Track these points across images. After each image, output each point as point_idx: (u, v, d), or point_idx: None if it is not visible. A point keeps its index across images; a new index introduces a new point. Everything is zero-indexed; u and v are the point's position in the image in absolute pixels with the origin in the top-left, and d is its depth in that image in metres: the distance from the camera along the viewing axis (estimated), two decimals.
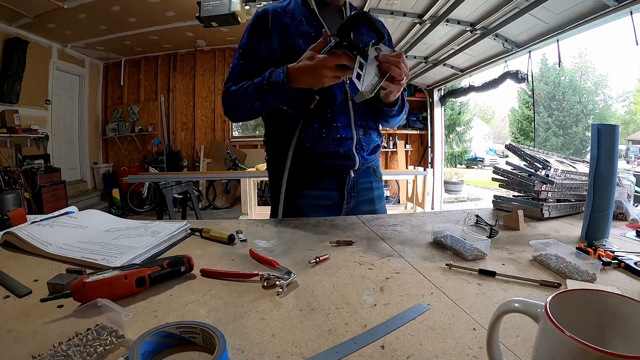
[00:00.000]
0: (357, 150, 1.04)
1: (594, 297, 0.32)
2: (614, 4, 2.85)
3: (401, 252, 0.72)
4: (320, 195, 1.07)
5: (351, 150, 1.03)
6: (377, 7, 3.62)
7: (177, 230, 0.81)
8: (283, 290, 0.54)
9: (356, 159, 1.04)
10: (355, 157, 1.04)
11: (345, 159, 1.04)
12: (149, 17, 5.33)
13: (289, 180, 1.04)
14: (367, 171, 1.13)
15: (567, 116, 19.66)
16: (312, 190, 1.06)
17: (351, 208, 1.11)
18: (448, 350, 0.40)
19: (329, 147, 1.02)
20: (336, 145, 1.02)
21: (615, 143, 0.78)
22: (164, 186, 4.07)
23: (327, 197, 1.07)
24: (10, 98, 5.10)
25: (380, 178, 1.20)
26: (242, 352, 0.40)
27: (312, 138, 1.01)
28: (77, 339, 0.39)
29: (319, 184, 1.06)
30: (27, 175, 5.11)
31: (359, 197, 1.11)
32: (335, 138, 1.01)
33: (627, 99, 22.26)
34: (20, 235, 0.71)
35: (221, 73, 7.13)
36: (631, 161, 15.12)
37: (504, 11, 3.42)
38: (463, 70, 5.47)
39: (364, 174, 1.12)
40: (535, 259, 0.68)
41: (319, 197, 1.06)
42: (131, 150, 7.26)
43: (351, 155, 1.04)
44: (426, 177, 5.70)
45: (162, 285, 0.56)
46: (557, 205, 1.02)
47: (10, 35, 5.02)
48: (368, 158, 1.09)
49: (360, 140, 1.05)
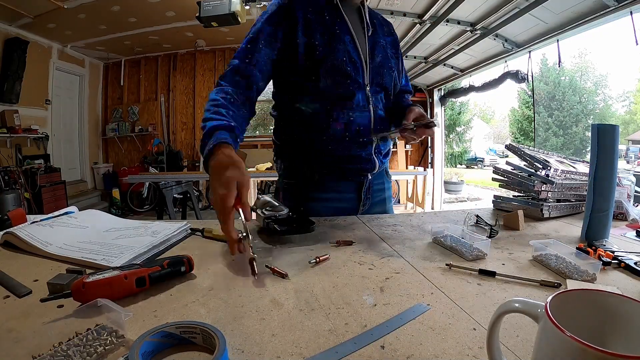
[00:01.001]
0: (376, 154, 1.05)
1: (594, 297, 0.32)
2: (614, 4, 2.85)
3: (401, 252, 0.72)
4: (337, 198, 1.06)
5: (372, 154, 1.03)
6: (377, 7, 3.63)
7: (177, 230, 0.81)
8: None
9: (376, 163, 1.05)
10: (375, 160, 1.04)
11: (366, 163, 1.04)
12: (149, 17, 5.33)
13: (305, 183, 1.04)
14: (380, 173, 1.13)
15: (567, 116, 19.65)
16: (329, 193, 1.05)
17: (366, 210, 1.11)
18: (448, 350, 0.40)
19: (351, 150, 1.01)
20: (357, 148, 1.01)
21: (615, 143, 0.78)
22: (164, 186, 4.07)
23: (344, 200, 1.07)
24: (10, 98, 5.10)
25: (390, 179, 1.20)
26: (242, 352, 0.40)
27: (335, 141, 0.99)
28: (77, 339, 0.39)
29: (336, 187, 1.06)
30: (27, 175, 5.11)
31: (373, 198, 1.12)
32: (357, 141, 1.01)
33: (627, 99, 22.27)
34: (20, 235, 0.71)
35: (221, 73, 7.11)
36: (631, 161, 15.13)
37: (504, 11, 3.42)
38: (463, 70, 5.47)
39: (378, 176, 1.12)
40: (535, 259, 0.68)
41: (336, 199, 1.06)
42: (131, 150, 7.26)
43: (372, 159, 1.04)
44: (426, 177, 5.70)
45: (162, 285, 0.56)
46: (557, 205, 1.02)
47: (10, 35, 5.02)
48: (384, 161, 1.11)
49: (379, 144, 1.05)
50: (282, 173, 1.10)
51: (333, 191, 1.05)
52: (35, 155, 5.50)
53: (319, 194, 1.05)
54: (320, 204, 1.05)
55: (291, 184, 1.08)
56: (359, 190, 1.07)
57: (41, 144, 5.71)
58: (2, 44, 4.96)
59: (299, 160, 1.05)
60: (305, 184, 1.05)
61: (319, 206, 1.04)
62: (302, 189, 1.05)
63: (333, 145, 0.99)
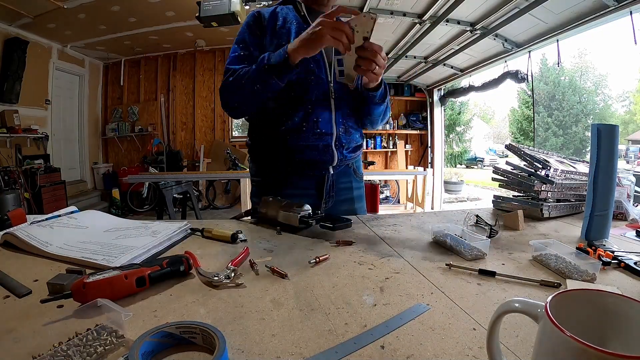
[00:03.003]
0: (336, 147, 1.07)
1: (594, 297, 0.32)
2: (613, 4, 2.85)
3: (401, 252, 0.72)
4: (299, 194, 1.07)
5: (330, 146, 1.06)
6: (377, 7, 3.63)
7: (177, 230, 0.81)
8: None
9: (334, 155, 1.07)
10: (333, 152, 1.06)
11: (324, 154, 1.06)
12: (149, 17, 5.33)
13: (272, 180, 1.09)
14: (347, 171, 1.16)
15: (567, 116, 19.65)
16: (291, 189, 1.08)
17: (329, 207, 1.13)
18: (448, 350, 0.40)
19: (308, 141, 1.04)
20: (315, 139, 1.04)
21: (615, 143, 0.78)
22: (164, 186, 4.07)
23: (306, 195, 1.09)
24: (10, 98, 5.09)
25: (361, 178, 1.22)
26: (242, 352, 0.40)
27: (293, 131, 1.03)
28: (77, 339, 0.39)
29: (298, 184, 1.09)
30: (27, 175, 5.10)
31: (338, 196, 1.14)
32: (315, 132, 1.04)
33: (627, 99, 22.27)
34: (19, 235, 0.71)
35: (221, 73, 7.05)
36: (631, 161, 15.13)
37: (503, 11, 3.42)
38: (463, 70, 5.47)
39: (343, 174, 1.15)
40: (535, 259, 0.68)
41: (298, 195, 1.06)
42: (131, 150, 7.25)
43: (329, 151, 1.06)
44: (426, 177, 5.69)
45: (162, 285, 0.56)
46: (557, 205, 1.02)
47: (10, 35, 5.02)
48: (348, 156, 1.11)
49: (340, 137, 1.07)
50: (253, 173, 1.17)
51: (293, 187, 1.08)
52: (35, 155, 5.49)
53: (284, 189, 1.07)
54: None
55: (260, 183, 1.14)
56: (320, 188, 1.10)
57: (41, 144, 5.70)
58: (2, 44, 4.96)
59: (267, 158, 1.11)
60: (272, 181, 1.10)
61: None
62: (269, 186, 1.09)
63: (291, 135, 1.04)
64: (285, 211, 0.88)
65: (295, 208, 0.87)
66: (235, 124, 7.68)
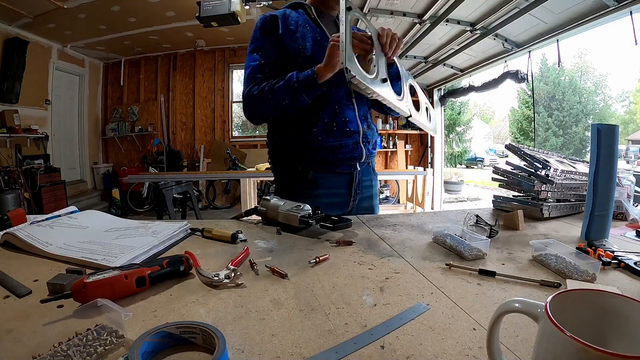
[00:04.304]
0: (363, 143, 1.12)
1: (594, 297, 0.32)
2: (614, 4, 2.85)
3: (401, 252, 0.72)
4: (329, 194, 1.12)
5: (358, 143, 1.10)
6: (377, 7, 3.62)
7: (177, 230, 0.81)
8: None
9: (363, 151, 1.11)
10: (362, 149, 1.11)
11: (354, 151, 1.10)
12: (149, 17, 5.32)
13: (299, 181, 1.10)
14: (367, 169, 1.20)
15: (567, 116, 19.63)
16: (321, 189, 1.11)
17: (356, 204, 1.17)
18: (448, 350, 0.40)
19: (340, 140, 1.08)
20: (346, 138, 1.09)
21: (615, 143, 0.78)
22: (164, 186, 4.07)
23: (336, 195, 1.13)
24: (10, 98, 5.09)
25: (377, 176, 1.28)
26: (242, 352, 0.40)
27: (324, 131, 1.07)
28: (77, 339, 0.39)
29: (328, 183, 1.11)
30: (27, 175, 5.10)
31: (362, 193, 1.19)
32: (344, 131, 1.08)
33: (626, 99, 22.25)
34: (20, 235, 0.71)
35: (221, 73, 7.13)
36: (631, 161, 15.13)
37: (503, 11, 3.41)
38: (463, 70, 5.47)
39: (365, 172, 1.19)
40: (535, 259, 0.68)
41: (328, 195, 1.11)
42: (131, 150, 7.25)
43: (358, 147, 1.11)
44: (426, 177, 5.69)
45: (162, 285, 0.56)
46: (557, 205, 1.02)
47: (10, 35, 5.02)
48: (372, 151, 1.17)
49: (366, 133, 1.13)
50: (276, 175, 1.19)
51: (325, 187, 1.11)
52: (35, 155, 5.49)
53: (311, 190, 1.10)
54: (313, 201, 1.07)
55: (285, 184, 1.15)
56: (350, 185, 1.14)
57: (41, 144, 5.70)
58: (2, 44, 4.95)
59: (293, 160, 1.11)
60: (299, 183, 1.11)
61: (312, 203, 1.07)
62: (296, 188, 1.11)
63: (323, 136, 1.07)
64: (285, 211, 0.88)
65: (295, 208, 0.87)
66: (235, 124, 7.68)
